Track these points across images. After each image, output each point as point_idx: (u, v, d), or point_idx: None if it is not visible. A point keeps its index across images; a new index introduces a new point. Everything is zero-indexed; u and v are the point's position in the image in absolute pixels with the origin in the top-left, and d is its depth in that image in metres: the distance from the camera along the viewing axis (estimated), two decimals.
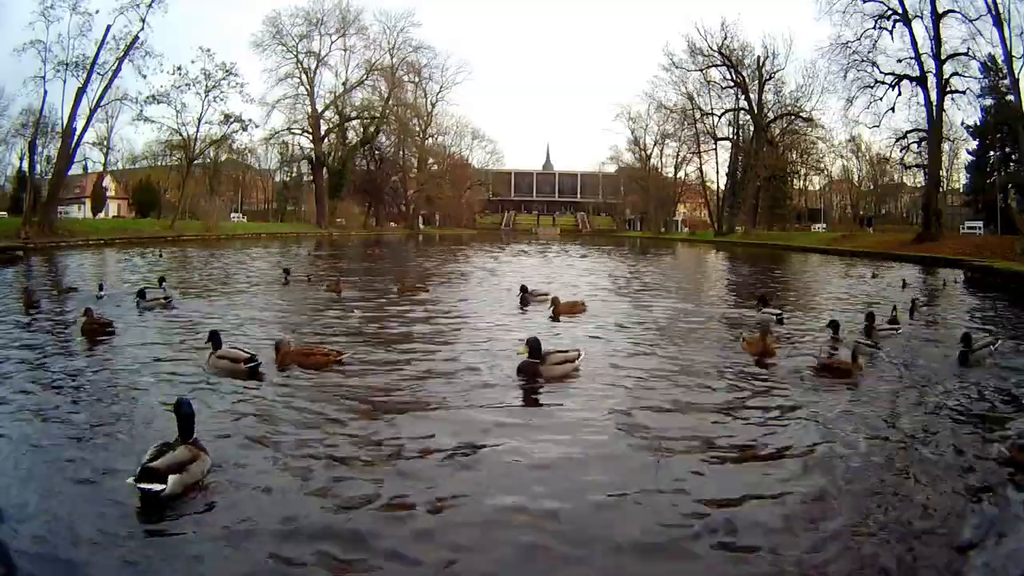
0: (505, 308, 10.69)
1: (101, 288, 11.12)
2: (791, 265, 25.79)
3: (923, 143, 34.44)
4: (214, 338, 5.97)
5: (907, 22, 31.73)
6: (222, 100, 43.29)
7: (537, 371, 5.70)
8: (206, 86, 42.03)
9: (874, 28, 33.22)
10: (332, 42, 58.18)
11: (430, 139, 71.95)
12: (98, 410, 4.79)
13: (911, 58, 32.25)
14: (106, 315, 8.23)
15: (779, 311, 9.98)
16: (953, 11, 29.65)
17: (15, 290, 10.50)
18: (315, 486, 3.50)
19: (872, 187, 57.47)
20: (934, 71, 31.11)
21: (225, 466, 3.65)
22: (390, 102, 61.37)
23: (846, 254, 30.87)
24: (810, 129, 50.31)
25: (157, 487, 3.13)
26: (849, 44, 34.09)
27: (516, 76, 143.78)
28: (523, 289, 11.38)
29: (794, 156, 53.62)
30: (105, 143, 50.61)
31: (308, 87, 57.46)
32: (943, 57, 30.67)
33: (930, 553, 2.96)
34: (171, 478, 3.18)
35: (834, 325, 7.79)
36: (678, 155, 60.07)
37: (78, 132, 33.93)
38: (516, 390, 5.52)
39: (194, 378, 5.65)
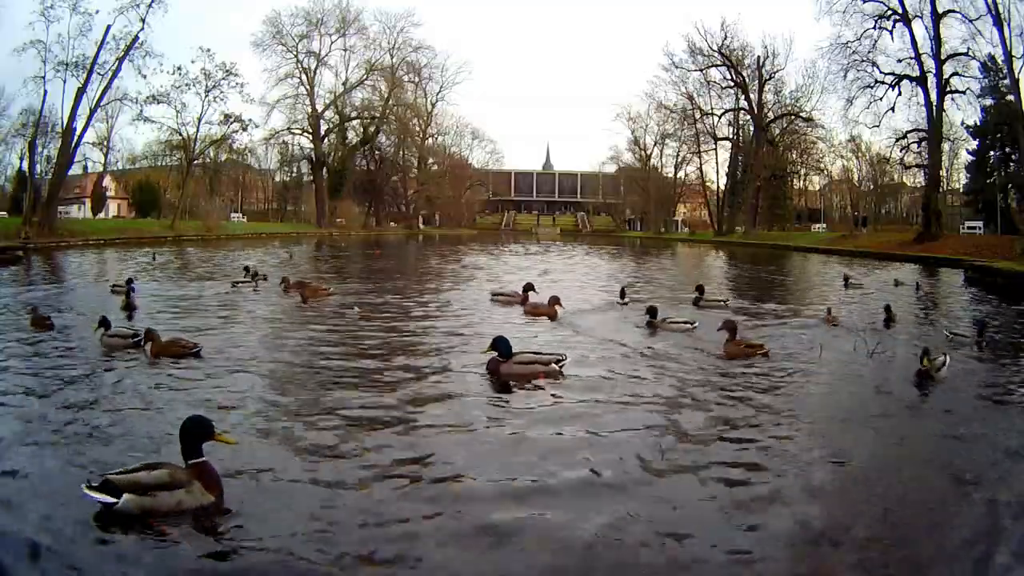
0: (484, 307, 10.69)
1: (131, 282, 11.25)
2: (786, 265, 25.81)
3: (923, 143, 34.47)
4: (104, 322, 6.85)
5: (907, 22, 31.79)
6: (222, 100, 43.38)
7: (497, 369, 5.71)
8: (206, 86, 42.13)
9: (874, 28, 33.31)
10: (332, 42, 58.20)
11: (430, 139, 71.90)
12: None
13: (911, 58, 32.34)
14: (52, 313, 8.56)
15: (723, 299, 11.02)
16: (953, 11, 29.75)
17: None
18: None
19: (872, 187, 57.46)
20: (934, 71, 31.15)
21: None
22: (390, 102, 61.32)
23: (846, 254, 30.87)
24: (810, 129, 50.41)
25: (108, 500, 3.00)
26: (849, 44, 34.18)
27: (516, 76, 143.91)
28: (527, 288, 10.92)
29: (794, 156, 53.66)
30: (105, 143, 50.52)
31: (308, 87, 57.45)
32: (943, 57, 30.71)
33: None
34: (125, 495, 3.01)
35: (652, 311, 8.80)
36: (678, 155, 60.14)
37: (78, 132, 33.95)
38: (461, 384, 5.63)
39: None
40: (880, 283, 16.13)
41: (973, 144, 38.51)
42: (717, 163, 56.37)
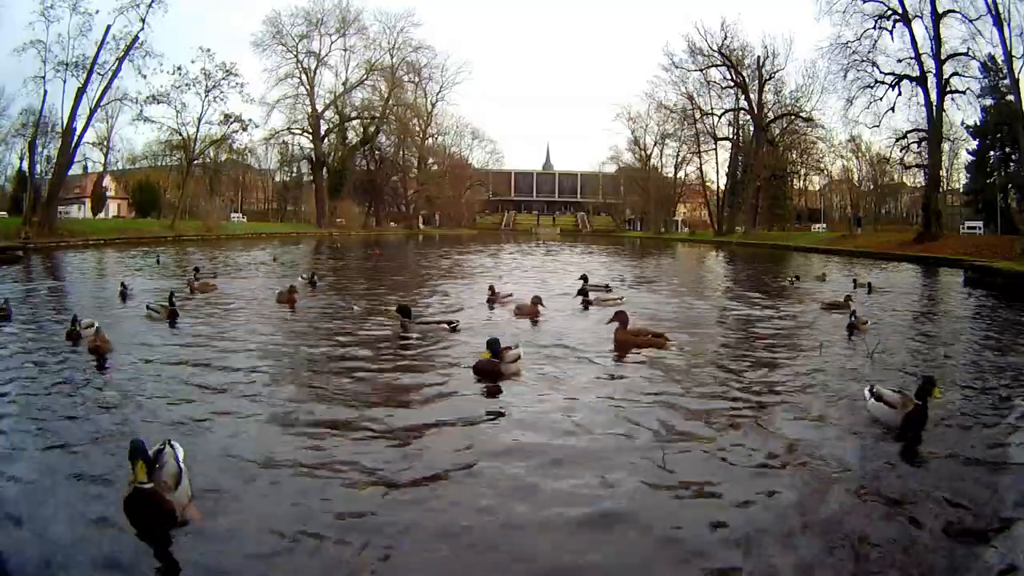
0: (478, 307, 10.68)
1: (124, 286, 11.14)
2: (773, 264, 25.77)
3: (923, 143, 34.41)
4: (75, 320, 7.24)
5: (907, 22, 31.75)
6: (222, 100, 43.44)
7: (497, 369, 5.75)
8: (206, 86, 42.15)
9: (874, 28, 33.26)
10: (332, 42, 58.27)
11: (430, 139, 71.98)
12: None
13: (911, 58, 32.29)
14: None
15: (618, 297, 11.18)
16: (953, 11, 29.69)
17: None
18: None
19: (872, 187, 57.50)
20: (934, 71, 31.11)
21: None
22: (390, 102, 61.35)
23: (845, 254, 30.86)
24: (810, 129, 50.36)
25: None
26: (849, 44, 34.13)
27: (516, 76, 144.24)
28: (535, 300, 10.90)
29: (794, 156, 53.62)
30: (105, 143, 50.51)
31: (308, 87, 57.48)
32: (943, 57, 30.67)
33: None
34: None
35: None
36: (678, 155, 60.18)
37: (78, 132, 33.93)
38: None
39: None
40: (837, 283, 15.85)
41: (973, 144, 38.51)
42: (717, 163, 56.49)
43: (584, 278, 12.13)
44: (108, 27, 33.10)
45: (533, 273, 18.49)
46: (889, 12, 32.42)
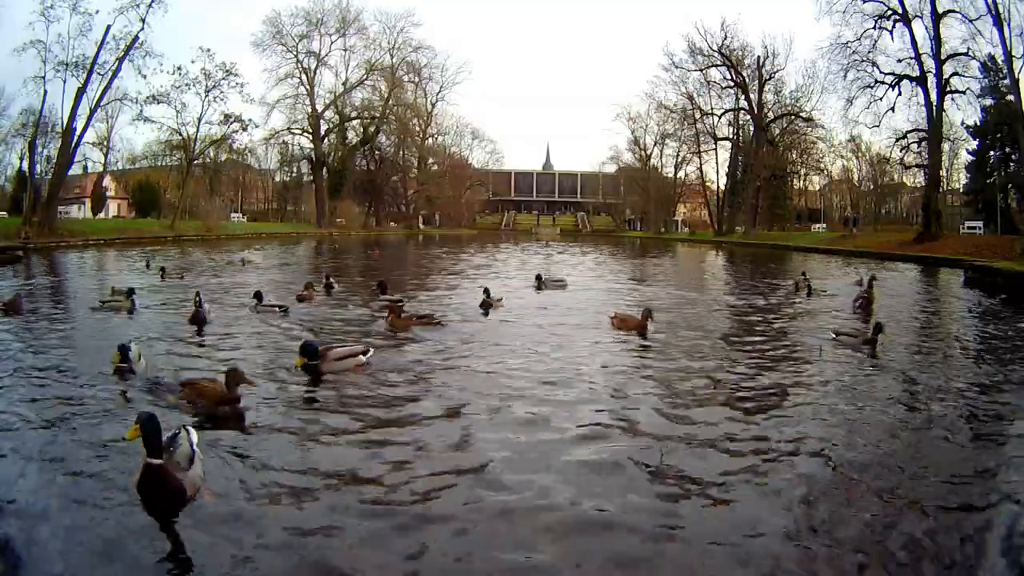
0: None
1: (112, 292, 10.76)
2: (775, 263, 25.79)
3: (923, 143, 34.42)
4: (123, 351, 5.78)
5: (907, 22, 31.76)
6: (222, 100, 43.42)
7: (319, 369, 5.85)
8: (206, 86, 42.12)
9: (874, 28, 33.28)
10: (332, 42, 58.26)
11: (430, 139, 72.01)
12: None
13: (911, 58, 32.30)
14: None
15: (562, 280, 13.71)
16: (953, 11, 29.70)
17: None
18: None
19: (872, 187, 57.50)
20: (934, 71, 31.12)
21: None
22: (390, 102, 61.36)
23: (845, 254, 30.84)
24: (810, 129, 50.39)
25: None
26: (849, 44, 34.15)
27: (516, 76, 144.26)
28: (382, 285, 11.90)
29: (794, 156, 53.64)
30: (105, 143, 50.54)
31: (308, 87, 57.48)
32: (943, 57, 30.68)
33: None
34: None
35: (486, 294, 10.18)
36: (678, 155, 60.22)
37: (78, 132, 33.90)
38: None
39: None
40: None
41: (973, 144, 38.49)
42: (717, 163, 56.49)
43: (539, 276, 13.84)
44: (108, 27, 33.15)
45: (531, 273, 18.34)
46: (889, 12, 32.43)
